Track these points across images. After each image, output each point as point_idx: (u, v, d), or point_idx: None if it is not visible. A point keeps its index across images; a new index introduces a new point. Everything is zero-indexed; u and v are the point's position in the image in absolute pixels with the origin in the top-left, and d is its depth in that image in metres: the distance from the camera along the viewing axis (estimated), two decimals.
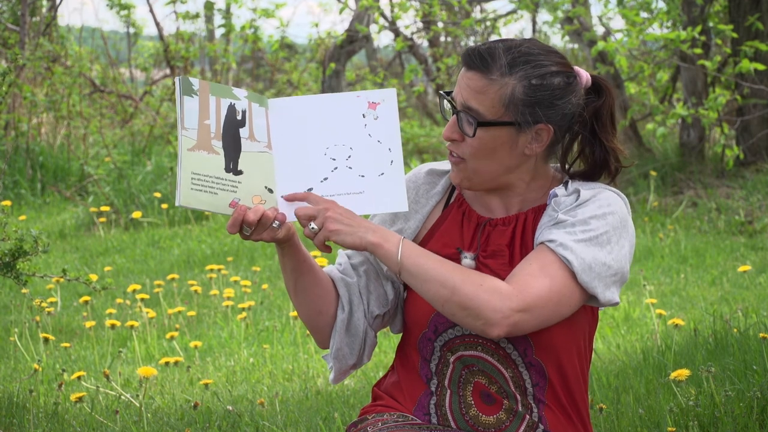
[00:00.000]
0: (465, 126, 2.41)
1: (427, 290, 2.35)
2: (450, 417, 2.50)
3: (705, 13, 9.97)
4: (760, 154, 9.99)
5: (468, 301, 2.31)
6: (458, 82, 2.44)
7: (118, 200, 9.81)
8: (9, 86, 4.09)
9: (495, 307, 2.29)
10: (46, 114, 12.48)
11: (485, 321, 2.31)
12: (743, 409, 3.57)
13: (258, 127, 2.43)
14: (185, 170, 2.34)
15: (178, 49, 13.60)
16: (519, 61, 2.39)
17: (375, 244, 2.36)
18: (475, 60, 2.40)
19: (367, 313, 2.56)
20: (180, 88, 2.38)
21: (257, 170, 2.40)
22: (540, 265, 2.35)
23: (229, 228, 2.35)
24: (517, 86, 2.38)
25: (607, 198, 2.43)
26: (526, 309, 2.31)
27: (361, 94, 2.48)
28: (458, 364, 2.49)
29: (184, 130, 2.36)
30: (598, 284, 2.36)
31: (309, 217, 2.37)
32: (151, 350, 5.53)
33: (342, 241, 2.35)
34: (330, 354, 2.58)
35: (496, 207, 2.52)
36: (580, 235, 2.36)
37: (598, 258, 2.36)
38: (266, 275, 7.40)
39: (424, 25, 14.39)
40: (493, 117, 2.39)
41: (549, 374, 2.47)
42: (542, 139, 2.43)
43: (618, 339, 5.31)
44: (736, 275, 6.78)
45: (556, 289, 2.34)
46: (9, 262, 3.98)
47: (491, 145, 2.41)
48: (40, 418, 4.22)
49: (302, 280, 2.50)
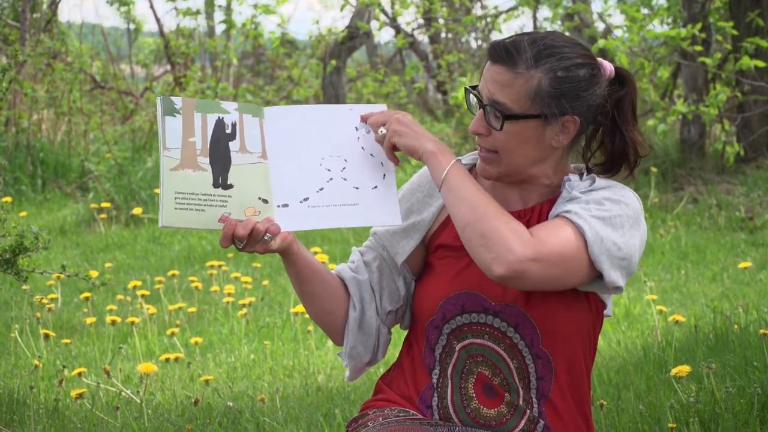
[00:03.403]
0: (492, 120, 2.41)
1: (457, 209, 2.36)
2: (451, 410, 2.50)
3: (705, 10, 9.96)
4: (760, 150, 9.99)
5: (489, 231, 2.31)
6: (484, 76, 2.44)
7: (118, 196, 9.81)
8: (10, 83, 4.08)
9: (511, 247, 2.29)
10: (46, 110, 12.48)
11: (496, 256, 2.30)
12: (744, 405, 3.57)
13: (251, 138, 2.42)
14: (168, 190, 2.33)
15: (178, 46, 13.59)
16: (544, 54, 2.40)
17: (430, 151, 2.40)
18: (500, 54, 2.40)
19: (380, 309, 2.57)
20: (161, 108, 2.38)
21: (250, 182, 2.39)
22: (556, 226, 2.36)
23: (221, 242, 2.36)
24: (543, 79, 2.39)
25: (623, 191, 2.45)
26: (539, 259, 2.30)
27: (353, 108, 2.50)
28: (463, 353, 2.49)
29: (165, 150, 2.35)
30: (606, 260, 2.36)
31: (379, 123, 2.45)
32: (151, 346, 5.54)
33: (404, 143, 2.40)
34: (344, 352, 2.59)
35: (514, 200, 2.52)
36: (594, 212, 2.37)
37: (609, 236, 2.37)
38: (267, 271, 7.41)
39: (424, 21, 14.40)
40: (520, 110, 2.39)
41: (556, 367, 2.47)
42: (569, 131, 2.44)
43: (618, 335, 5.31)
44: (736, 271, 6.78)
45: (569, 252, 2.34)
46: (9, 259, 3.98)
47: (519, 137, 2.42)
48: (41, 414, 4.22)
49: (308, 285, 2.52)
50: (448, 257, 2.52)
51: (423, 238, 2.57)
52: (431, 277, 2.54)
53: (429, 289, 2.52)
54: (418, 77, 16.03)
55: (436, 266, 2.54)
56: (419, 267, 2.59)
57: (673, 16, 10.36)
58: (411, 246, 2.55)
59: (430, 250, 2.57)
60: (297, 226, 2.41)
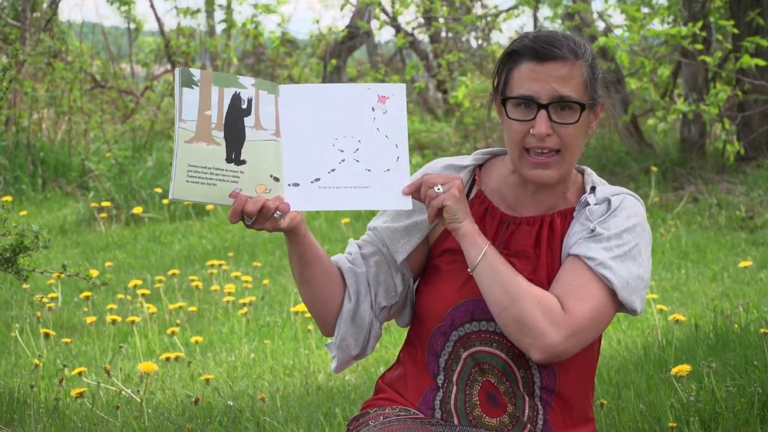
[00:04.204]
0: (567, 115, 2.42)
1: (491, 292, 2.38)
2: (454, 414, 2.49)
3: (706, 9, 9.96)
4: (760, 149, 9.99)
5: (522, 316, 2.35)
6: (531, 77, 2.42)
7: (118, 196, 9.81)
8: (10, 82, 4.08)
9: (544, 332, 2.34)
10: (46, 109, 12.48)
11: (532, 341, 2.35)
12: (744, 404, 3.57)
13: (266, 115, 2.40)
14: (181, 162, 2.32)
15: (179, 45, 13.59)
16: (576, 44, 2.45)
17: (471, 231, 2.40)
18: (548, 51, 2.41)
19: (374, 304, 2.56)
20: (179, 79, 2.36)
21: (262, 159, 2.38)
22: (583, 286, 2.39)
23: (230, 218, 2.36)
24: (585, 68, 2.44)
25: (632, 205, 2.47)
26: (574, 334, 2.36)
27: (371, 87, 2.46)
28: (469, 360, 2.49)
29: (181, 122, 2.34)
30: (636, 298, 2.42)
31: (437, 183, 2.41)
32: (151, 346, 5.54)
33: (453, 211, 2.39)
34: (334, 343, 2.58)
35: (527, 203, 2.52)
36: (616, 251, 2.40)
37: (633, 272, 2.41)
38: (267, 270, 7.40)
39: (425, 21, 14.39)
40: (583, 99, 2.44)
41: (560, 377, 2.49)
42: (597, 116, 2.51)
43: (619, 334, 5.31)
44: (736, 271, 6.77)
45: (600, 309, 2.39)
46: (10, 258, 3.98)
47: (582, 129, 2.46)
48: (41, 413, 4.22)
49: (308, 269, 2.50)
50: (457, 262, 2.50)
51: (425, 239, 2.56)
52: (439, 281, 2.53)
53: (437, 294, 2.51)
54: (418, 76, 16.02)
55: (444, 271, 2.53)
56: (419, 266, 2.59)
57: (674, 15, 10.36)
58: (411, 245, 2.54)
59: (436, 252, 2.56)
60: (306, 206, 2.40)
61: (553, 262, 2.47)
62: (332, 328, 2.57)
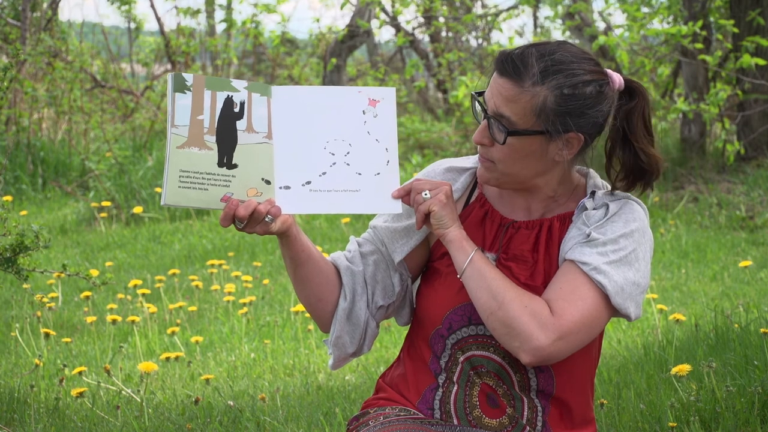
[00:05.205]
0: (496, 133, 2.41)
1: (479, 297, 2.38)
2: (453, 414, 2.50)
3: (706, 8, 9.96)
4: (761, 149, 9.99)
5: (510, 320, 2.35)
6: (490, 86, 2.43)
7: (119, 195, 9.81)
8: (10, 81, 4.08)
9: (532, 335, 2.34)
10: (47, 109, 12.48)
11: (520, 344, 2.35)
12: (744, 404, 3.57)
13: (258, 118, 2.41)
14: (173, 168, 2.33)
15: (179, 44, 13.59)
16: (552, 70, 2.37)
17: (458, 237, 2.41)
18: (507, 67, 2.39)
19: (371, 303, 2.56)
20: (172, 84, 2.36)
21: (254, 162, 2.38)
22: (574, 290, 2.38)
23: (222, 222, 2.37)
24: (549, 96, 2.37)
25: (632, 210, 2.46)
26: (562, 337, 2.35)
27: (362, 90, 2.48)
28: (466, 364, 2.50)
29: (173, 128, 2.34)
30: (630, 304, 2.41)
31: (425, 188, 2.43)
32: (152, 345, 5.54)
33: (439, 216, 2.41)
34: (330, 340, 2.58)
35: (520, 208, 2.53)
36: (611, 256, 2.39)
37: (628, 278, 2.40)
38: (267, 270, 7.40)
39: (425, 20, 14.39)
40: (524, 125, 2.38)
41: (557, 380, 2.49)
42: (572, 147, 2.43)
43: (619, 334, 5.31)
44: (737, 270, 6.77)
45: (591, 314, 2.38)
46: (10, 257, 3.98)
47: (521, 152, 2.41)
48: (41, 413, 4.22)
49: (301, 270, 2.50)
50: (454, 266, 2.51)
51: (425, 240, 2.56)
52: (438, 284, 2.53)
53: (436, 297, 2.52)
54: (418, 76, 16.02)
55: (443, 274, 2.53)
56: (418, 267, 2.59)
57: (674, 14, 10.36)
58: (410, 246, 2.54)
59: (436, 255, 2.56)
60: (297, 209, 2.41)
61: (551, 267, 2.47)
62: (328, 325, 2.58)
